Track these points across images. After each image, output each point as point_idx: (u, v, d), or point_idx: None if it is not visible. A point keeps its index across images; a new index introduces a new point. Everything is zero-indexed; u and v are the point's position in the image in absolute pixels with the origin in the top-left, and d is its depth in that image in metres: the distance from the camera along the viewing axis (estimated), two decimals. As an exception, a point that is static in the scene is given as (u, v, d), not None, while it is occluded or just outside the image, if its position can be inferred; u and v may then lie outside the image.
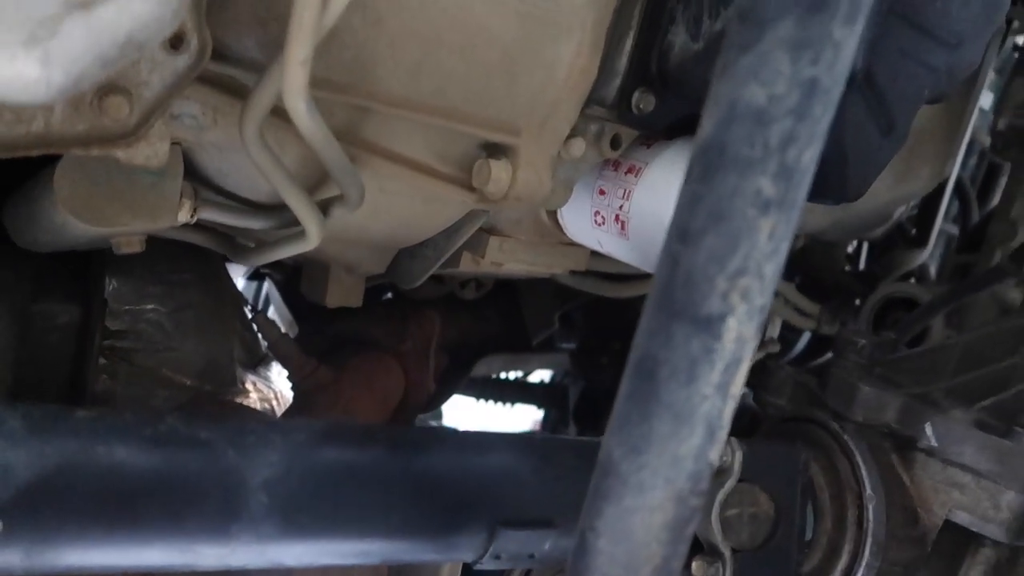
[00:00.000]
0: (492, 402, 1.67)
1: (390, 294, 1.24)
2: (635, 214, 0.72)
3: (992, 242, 1.17)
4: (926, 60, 0.62)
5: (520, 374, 1.73)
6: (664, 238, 0.34)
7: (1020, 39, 1.34)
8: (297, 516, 0.55)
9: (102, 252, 0.84)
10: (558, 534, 0.64)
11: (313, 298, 0.92)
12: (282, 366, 1.00)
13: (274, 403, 1.02)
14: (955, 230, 1.57)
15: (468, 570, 0.72)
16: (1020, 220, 1.15)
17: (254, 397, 0.98)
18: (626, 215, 0.72)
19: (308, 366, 0.98)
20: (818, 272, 1.39)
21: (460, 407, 1.64)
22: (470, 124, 0.63)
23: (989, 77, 1.23)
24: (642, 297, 1.04)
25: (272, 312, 1.32)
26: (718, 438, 0.36)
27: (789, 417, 0.83)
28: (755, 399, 0.89)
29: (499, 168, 0.64)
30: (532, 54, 0.61)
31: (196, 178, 0.65)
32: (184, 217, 0.63)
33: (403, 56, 0.57)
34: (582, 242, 0.82)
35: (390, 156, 0.64)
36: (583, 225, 0.78)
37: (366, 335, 1.11)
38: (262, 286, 1.50)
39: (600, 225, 0.75)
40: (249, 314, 1.01)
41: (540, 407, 1.74)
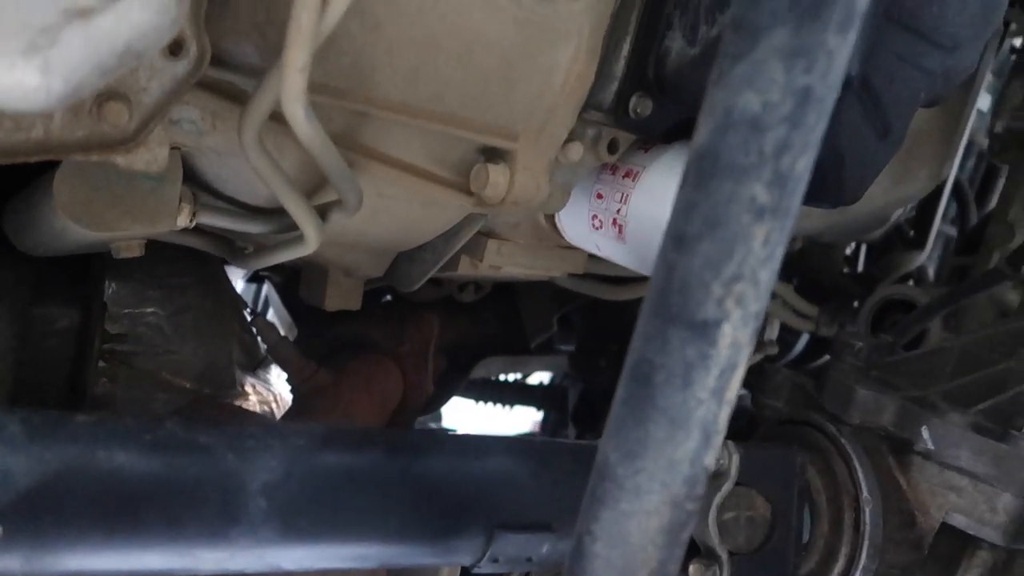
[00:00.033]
0: (492, 404, 1.68)
1: (389, 297, 1.25)
2: (633, 218, 0.72)
3: (990, 244, 1.17)
4: (922, 64, 0.62)
5: (519, 376, 1.73)
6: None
7: (1018, 41, 1.34)
8: (296, 520, 0.55)
9: (101, 256, 0.84)
10: (556, 538, 0.64)
11: (312, 301, 0.92)
12: (281, 369, 1.00)
13: (273, 406, 1.02)
14: (953, 232, 1.57)
15: (466, 573, 0.72)
16: (1018, 222, 1.15)
17: (253, 400, 0.99)
18: (624, 219, 0.72)
19: (307, 369, 0.98)
20: (816, 274, 1.39)
21: (460, 409, 1.64)
22: (468, 129, 0.63)
23: (987, 79, 1.23)
24: (640, 300, 1.04)
25: (271, 315, 1.32)
26: (714, 443, 0.36)
27: (786, 420, 0.83)
28: (753, 401, 0.89)
29: (497, 172, 0.65)
30: (530, 60, 0.61)
31: (195, 183, 0.65)
32: (183, 221, 0.63)
33: (401, 62, 0.57)
34: (580, 245, 0.82)
35: (388, 161, 0.64)
36: (581, 229, 0.78)
37: (365, 338, 1.11)
38: (261, 289, 1.50)
39: (598, 229, 0.75)
40: (248, 317, 1.02)
41: (540, 409, 1.74)
